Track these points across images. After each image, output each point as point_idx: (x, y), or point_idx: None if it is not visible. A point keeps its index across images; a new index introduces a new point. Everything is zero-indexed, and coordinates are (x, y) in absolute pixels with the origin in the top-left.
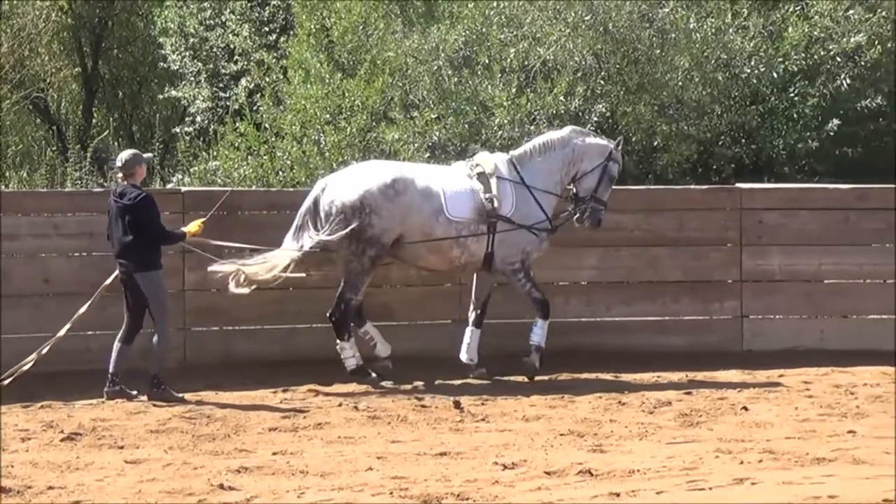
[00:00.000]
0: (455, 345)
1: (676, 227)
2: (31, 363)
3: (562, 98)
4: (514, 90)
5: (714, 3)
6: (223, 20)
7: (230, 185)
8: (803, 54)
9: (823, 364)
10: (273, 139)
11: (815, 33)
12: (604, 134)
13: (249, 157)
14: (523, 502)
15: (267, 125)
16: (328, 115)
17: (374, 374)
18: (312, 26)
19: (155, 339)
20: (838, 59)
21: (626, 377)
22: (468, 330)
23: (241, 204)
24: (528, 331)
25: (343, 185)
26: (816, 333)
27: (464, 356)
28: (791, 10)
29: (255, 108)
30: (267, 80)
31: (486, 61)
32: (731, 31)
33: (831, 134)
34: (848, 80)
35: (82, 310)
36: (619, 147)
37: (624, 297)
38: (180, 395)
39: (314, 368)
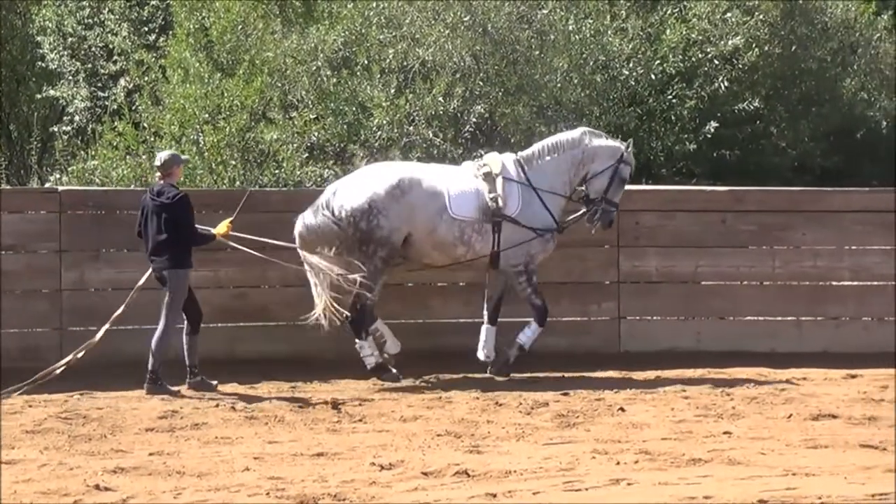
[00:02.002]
0: (328, 346)
1: None
2: (66, 365)
3: (440, 99)
4: (392, 91)
5: (593, 5)
6: (102, 19)
7: (108, 184)
8: (681, 56)
9: (700, 365)
10: (152, 139)
11: (693, 36)
12: (482, 135)
13: (128, 157)
14: (400, 503)
15: (146, 125)
16: (207, 115)
17: (394, 371)
18: (191, 26)
19: (157, 334)
20: (716, 62)
21: (504, 378)
22: (483, 327)
23: (119, 204)
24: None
25: (352, 190)
26: (693, 335)
27: (481, 354)
28: (669, 12)
29: (133, 107)
30: (146, 79)
31: (365, 62)
32: (609, 32)
33: (709, 136)
34: (725, 83)
35: (119, 311)
36: (630, 149)
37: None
38: (176, 388)
39: None
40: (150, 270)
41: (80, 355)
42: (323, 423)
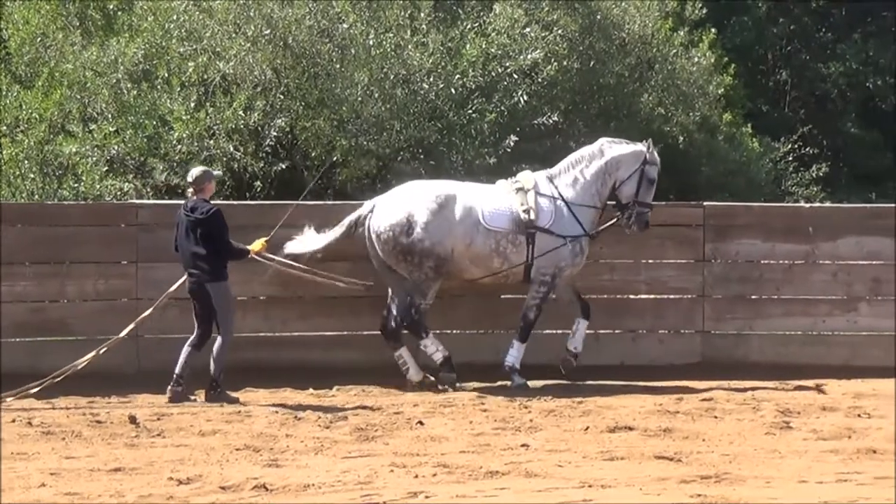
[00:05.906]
0: (127, 360)
1: (354, 241)
2: (86, 362)
3: (241, 112)
4: (193, 104)
5: (394, 20)
6: None
7: None
8: (481, 71)
9: (499, 378)
10: None
11: (493, 50)
12: (283, 149)
13: None
14: None
15: None
16: (5, 128)
17: (454, 374)
18: None
19: (217, 344)
20: (515, 76)
21: (304, 392)
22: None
23: None
24: (503, 352)
25: (390, 206)
26: (493, 348)
27: (509, 359)
28: (469, 27)
29: None
30: None
31: (166, 75)
32: (410, 47)
33: (509, 150)
34: (525, 97)
35: (146, 313)
36: (652, 149)
37: (301, 311)
38: (235, 395)
39: None
40: (182, 279)
41: (102, 351)
42: (121, 438)
